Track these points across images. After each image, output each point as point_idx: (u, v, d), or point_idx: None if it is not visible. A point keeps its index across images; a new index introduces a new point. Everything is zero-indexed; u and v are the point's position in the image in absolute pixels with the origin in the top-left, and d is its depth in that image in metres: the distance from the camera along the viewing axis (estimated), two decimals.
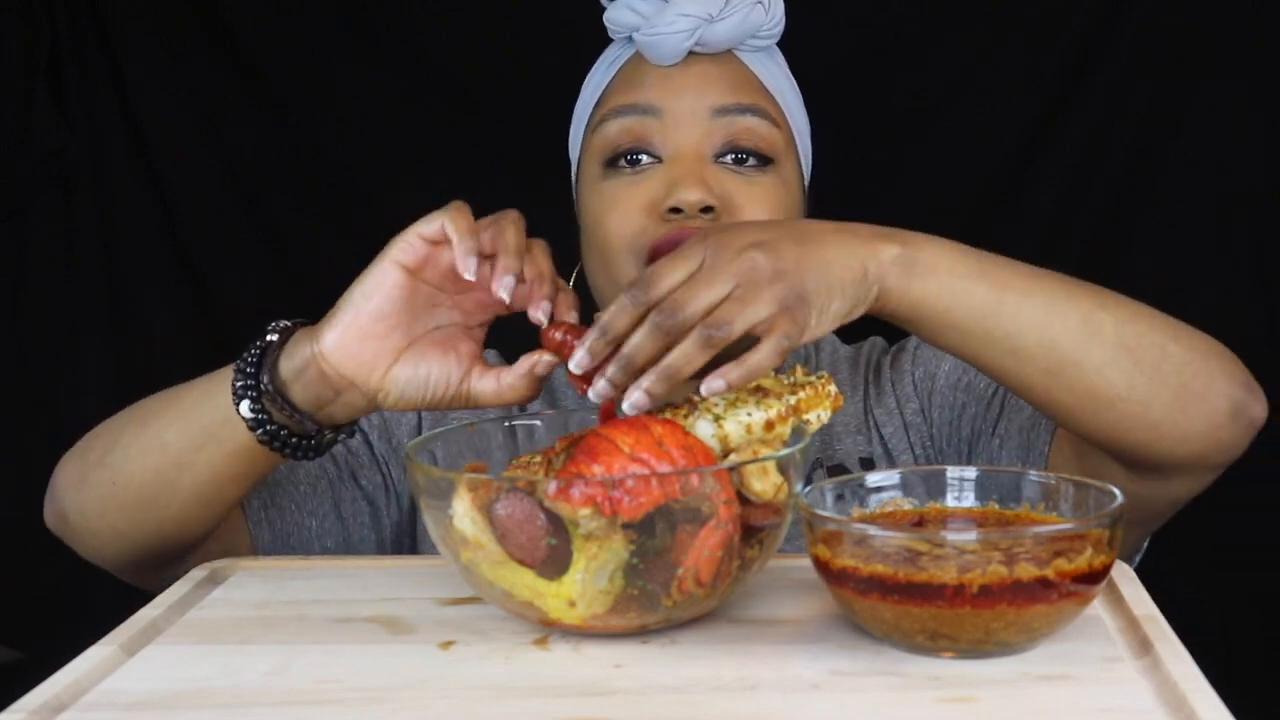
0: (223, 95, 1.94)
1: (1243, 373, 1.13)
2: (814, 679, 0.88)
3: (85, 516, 1.19)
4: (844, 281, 1.01)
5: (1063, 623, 0.90)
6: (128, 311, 1.96)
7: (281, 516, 1.28)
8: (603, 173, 1.30)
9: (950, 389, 1.33)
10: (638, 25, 1.30)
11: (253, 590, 1.10)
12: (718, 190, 1.26)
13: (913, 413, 1.35)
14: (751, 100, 1.30)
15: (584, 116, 1.37)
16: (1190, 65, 1.84)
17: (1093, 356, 1.07)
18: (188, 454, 1.13)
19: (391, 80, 1.95)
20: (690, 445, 0.94)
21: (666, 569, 0.91)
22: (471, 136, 1.92)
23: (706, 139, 1.28)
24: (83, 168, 1.94)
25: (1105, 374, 1.07)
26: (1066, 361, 1.07)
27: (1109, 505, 0.92)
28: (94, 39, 1.92)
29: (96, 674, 0.91)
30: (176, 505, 1.16)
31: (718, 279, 0.97)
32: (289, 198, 1.97)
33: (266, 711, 0.86)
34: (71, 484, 1.20)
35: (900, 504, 1.01)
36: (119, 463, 1.16)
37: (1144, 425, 1.09)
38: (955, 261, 1.05)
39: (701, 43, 1.29)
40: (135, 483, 1.15)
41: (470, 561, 0.94)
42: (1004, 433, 1.28)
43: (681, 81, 1.29)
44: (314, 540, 1.29)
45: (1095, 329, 1.07)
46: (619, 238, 1.27)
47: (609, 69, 1.35)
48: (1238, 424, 1.12)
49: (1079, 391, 1.08)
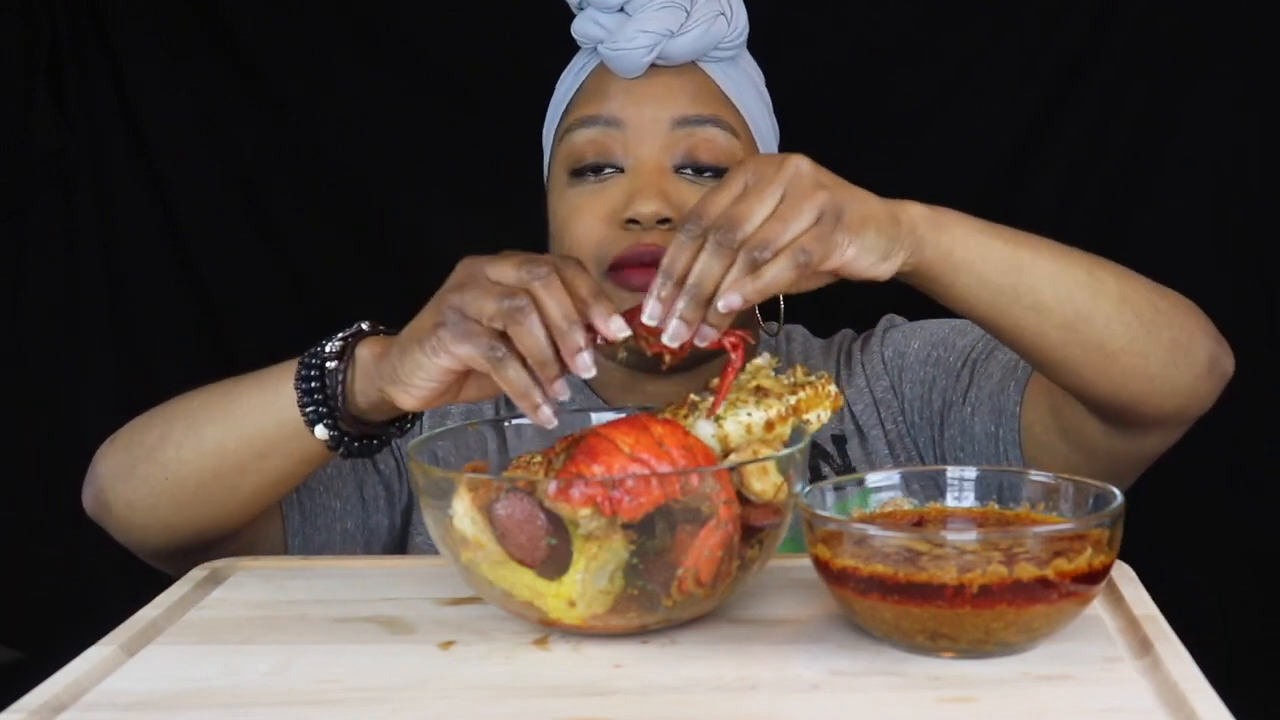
0: (223, 95, 1.95)
1: (1213, 327, 1.18)
2: (814, 679, 0.88)
3: (133, 509, 1.21)
4: (878, 217, 1.03)
5: (1063, 623, 0.90)
6: (128, 311, 1.96)
7: (311, 497, 1.31)
8: (569, 180, 1.34)
9: (920, 364, 1.36)
10: (601, 38, 1.33)
11: (253, 590, 1.10)
12: (676, 200, 1.29)
13: (883, 390, 1.38)
14: (711, 111, 1.32)
15: (554, 122, 1.40)
16: (1186, 64, 1.85)
17: (1101, 309, 1.11)
18: (251, 460, 1.16)
19: (391, 80, 1.95)
20: (690, 445, 0.94)
21: (666, 569, 0.91)
22: (471, 136, 1.92)
23: (667, 151, 1.31)
24: (83, 168, 1.94)
25: (1112, 326, 1.11)
26: (1080, 315, 1.11)
27: (1109, 505, 0.92)
28: (94, 39, 1.93)
29: (96, 674, 0.91)
30: (236, 503, 1.19)
31: (766, 190, 1.00)
32: (289, 197, 1.97)
33: (266, 711, 0.86)
34: (117, 476, 1.21)
35: (900, 504, 1.01)
36: (172, 461, 1.17)
37: (1143, 378, 1.13)
38: (972, 221, 1.10)
39: (663, 56, 1.32)
40: (193, 483, 1.18)
41: (470, 561, 0.94)
42: (975, 399, 1.31)
43: (643, 93, 1.32)
44: (336, 521, 1.32)
45: (1100, 283, 1.12)
46: (582, 245, 1.30)
47: (577, 76, 1.38)
48: (1213, 376, 1.18)
49: (1091, 345, 1.11)
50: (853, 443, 1.36)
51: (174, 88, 1.94)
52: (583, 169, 1.32)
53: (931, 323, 1.39)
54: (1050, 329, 1.11)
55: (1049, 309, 1.10)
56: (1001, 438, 1.29)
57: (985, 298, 1.10)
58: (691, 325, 0.99)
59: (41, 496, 1.98)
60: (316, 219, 1.97)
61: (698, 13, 1.31)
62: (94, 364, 1.96)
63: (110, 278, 1.96)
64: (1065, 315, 1.10)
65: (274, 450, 1.15)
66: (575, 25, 1.36)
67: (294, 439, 1.13)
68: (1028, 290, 1.09)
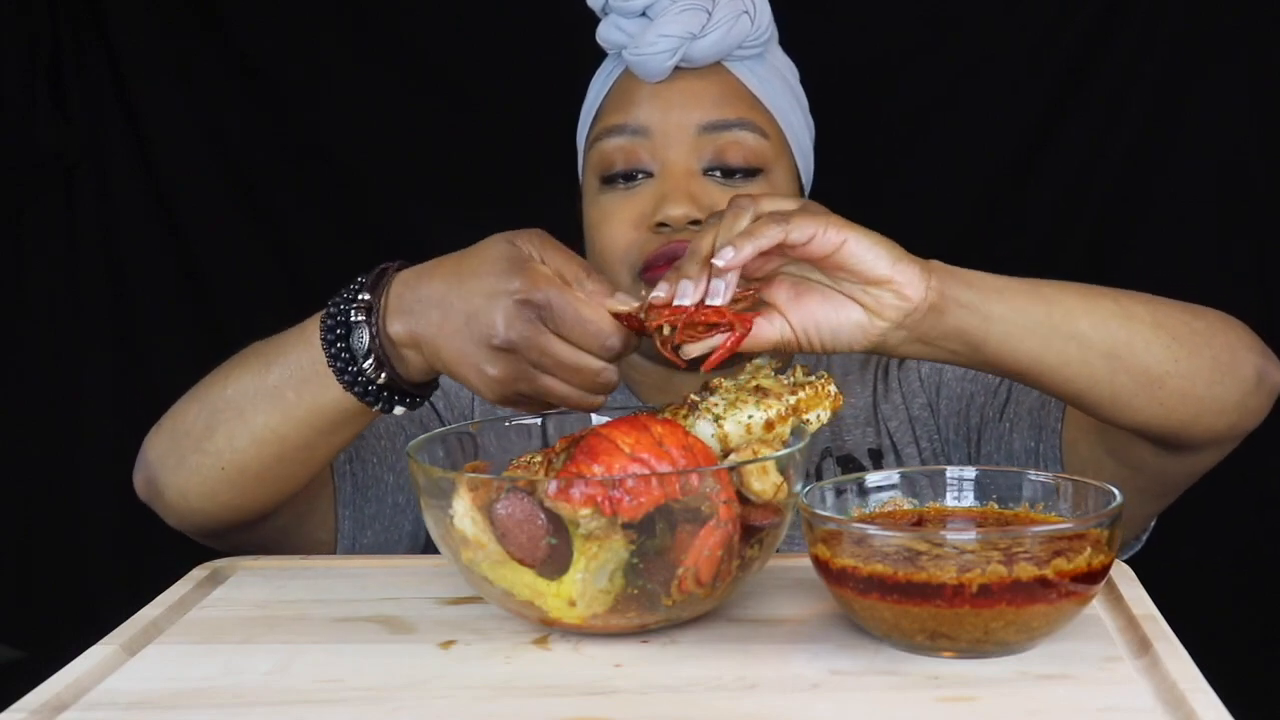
0: (223, 95, 1.95)
1: (1257, 340, 1.17)
2: (814, 679, 0.88)
3: (187, 496, 1.20)
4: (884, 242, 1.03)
5: (1062, 622, 0.90)
6: (128, 311, 1.97)
7: (364, 469, 1.31)
8: (600, 187, 1.35)
9: (958, 380, 1.36)
10: (624, 44, 1.33)
11: (253, 590, 1.10)
12: (705, 203, 1.30)
13: (919, 407, 1.38)
14: (737, 114, 1.33)
15: (585, 128, 1.41)
16: (1191, 68, 1.85)
17: (1139, 334, 1.10)
18: (313, 439, 1.15)
19: (392, 80, 1.95)
20: (690, 445, 0.94)
21: (666, 569, 0.91)
22: (471, 136, 1.92)
23: (694, 154, 1.32)
24: (83, 167, 1.94)
25: (1153, 350, 1.10)
26: (1119, 341, 1.09)
27: (1108, 505, 0.92)
28: (94, 39, 1.93)
29: (97, 674, 0.92)
30: (306, 473, 1.19)
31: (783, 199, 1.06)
32: (289, 197, 1.97)
33: (266, 711, 0.86)
34: (168, 466, 1.20)
35: (900, 504, 1.01)
36: (226, 451, 1.17)
37: (1192, 400, 1.12)
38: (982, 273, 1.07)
39: (686, 59, 1.32)
40: (253, 469, 1.17)
41: (470, 561, 0.94)
42: (1013, 415, 1.31)
43: (669, 99, 1.33)
44: (388, 494, 1.32)
45: (1129, 311, 1.10)
46: (612, 250, 1.32)
47: (605, 82, 1.38)
48: (1263, 389, 1.16)
49: (1136, 372, 1.10)
50: (888, 458, 1.36)
51: (174, 88, 1.94)
52: (612, 176, 1.33)
53: None
54: (1095, 358, 1.09)
55: (1089, 338, 1.08)
56: (1042, 454, 1.28)
57: (1025, 326, 1.07)
58: (693, 280, 1.00)
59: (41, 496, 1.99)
60: (317, 218, 1.97)
61: (719, 13, 1.31)
62: (94, 363, 1.96)
63: (111, 277, 1.96)
64: (1106, 344, 1.09)
65: (335, 429, 1.15)
66: (599, 31, 1.37)
67: (356, 415, 1.13)
68: (1064, 318, 1.08)
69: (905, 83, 1.90)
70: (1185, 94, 1.85)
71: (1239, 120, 1.85)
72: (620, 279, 1.31)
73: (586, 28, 1.40)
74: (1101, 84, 1.86)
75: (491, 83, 1.91)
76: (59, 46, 1.92)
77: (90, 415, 1.95)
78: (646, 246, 1.30)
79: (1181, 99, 1.86)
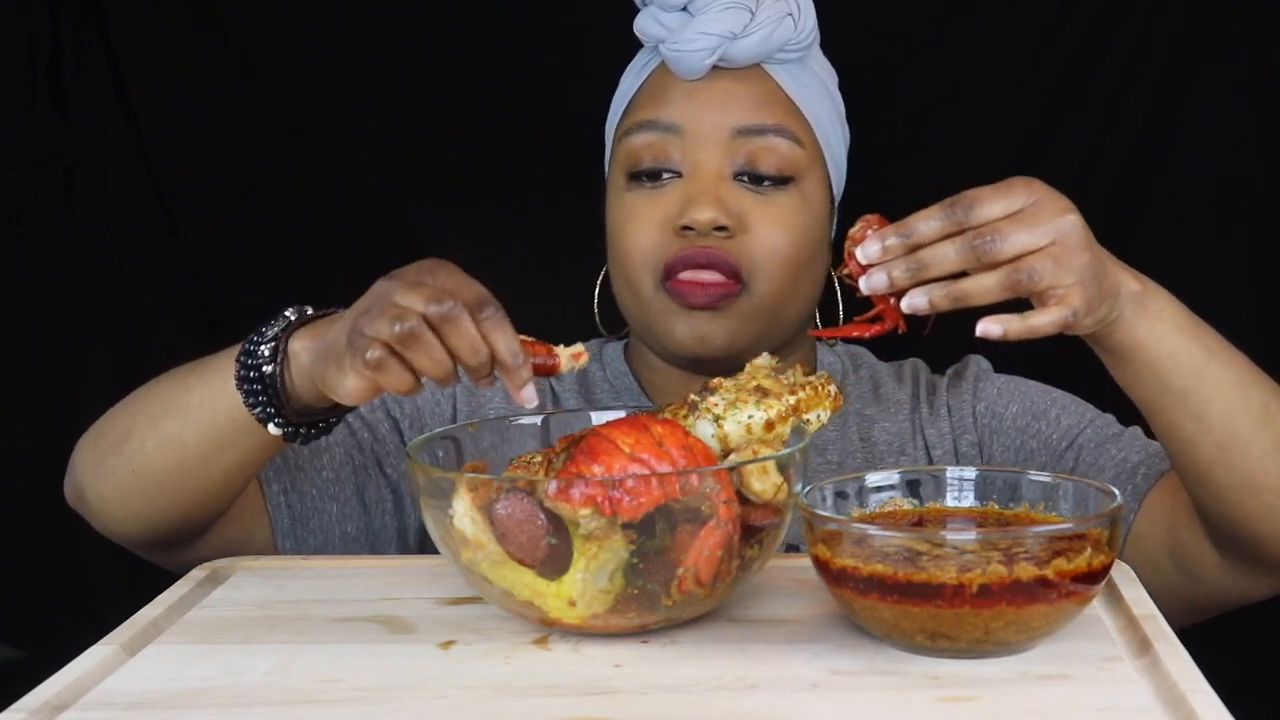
0: (223, 95, 1.95)
1: None
2: (814, 679, 0.88)
3: (104, 500, 1.21)
4: (1113, 290, 1.02)
5: (1062, 622, 0.90)
6: (128, 311, 1.96)
7: (302, 501, 1.28)
8: (626, 183, 1.31)
9: (1016, 432, 1.32)
10: (662, 37, 1.30)
11: (253, 590, 1.10)
12: (734, 208, 1.27)
13: (968, 444, 1.34)
14: (774, 120, 1.29)
15: (614, 120, 1.37)
16: (1190, 68, 1.84)
17: (1260, 442, 1.08)
18: (211, 453, 1.15)
19: (392, 80, 1.95)
20: (690, 445, 0.94)
21: (666, 569, 0.91)
22: (471, 136, 1.92)
23: (726, 158, 1.28)
24: (83, 167, 1.94)
25: (1265, 462, 1.08)
26: (1238, 440, 1.07)
27: (1108, 505, 0.92)
28: (94, 39, 1.92)
29: (97, 674, 0.92)
30: (201, 491, 1.18)
31: (1040, 226, 0.98)
32: (289, 197, 1.97)
33: (267, 711, 0.86)
34: (88, 468, 1.21)
35: (900, 504, 1.01)
36: (136, 454, 1.17)
37: (1277, 520, 1.10)
38: (1178, 315, 1.07)
39: (725, 59, 1.28)
40: (157, 475, 1.17)
41: (470, 561, 0.94)
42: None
43: (704, 99, 1.29)
44: (334, 525, 1.29)
45: (1269, 416, 1.08)
46: (636, 251, 1.29)
47: (639, 75, 1.35)
48: None
49: (1238, 472, 1.08)
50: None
51: (174, 88, 1.93)
52: (639, 173, 1.30)
53: (1030, 387, 1.35)
54: (1205, 443, 1.08)
55: (1211, 424, 1.07)
56: None
57: (1152, 390, 1.07)
58: (893, 287, 0.99)
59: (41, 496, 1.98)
60: (317, 218, 1.97)
61: (763, 14, 1.28)
62: (94, 363, 1.96)
63: (111, 277, 1.95)
64: (1223, 436, 1.07)
65: (231, 443, 1.13)
66: (637, 22, 1.33)
67: (247, 433, 1.12)
68: (1198, 400, 1.06)
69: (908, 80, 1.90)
70: (1184, 94, 1.85)
71: (1238, 120, 1.85)
72: (642, 282, 1.29)
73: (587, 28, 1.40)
74: (1101, 84, 1.86)
75: (491, 83, 1.90)
76: (59, 46, 1.91)
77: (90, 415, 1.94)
78: (669, 249, 1.27)
79: (1180, 99, 1.85)
